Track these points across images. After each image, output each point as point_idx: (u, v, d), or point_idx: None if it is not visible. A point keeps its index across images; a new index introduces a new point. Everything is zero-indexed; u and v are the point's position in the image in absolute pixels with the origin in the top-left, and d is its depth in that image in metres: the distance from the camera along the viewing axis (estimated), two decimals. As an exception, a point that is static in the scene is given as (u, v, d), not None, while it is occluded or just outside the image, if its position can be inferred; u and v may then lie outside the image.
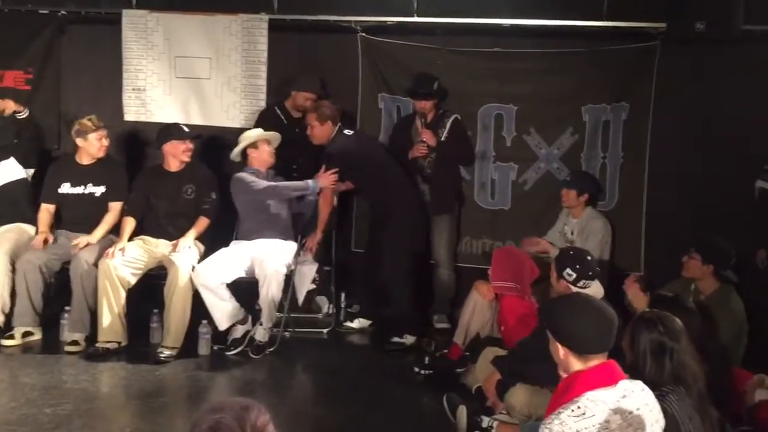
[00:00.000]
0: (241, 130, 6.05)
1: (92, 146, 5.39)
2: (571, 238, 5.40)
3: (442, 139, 5.70)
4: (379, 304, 5.53)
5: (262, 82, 6.07)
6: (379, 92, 6.05)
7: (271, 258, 5.07)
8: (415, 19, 5.83)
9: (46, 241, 5.23)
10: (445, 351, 4.94)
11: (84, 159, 5.44)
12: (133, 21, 6.06)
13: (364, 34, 5.92)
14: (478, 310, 4.81)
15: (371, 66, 6.00)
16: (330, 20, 5.88)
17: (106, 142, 5.44)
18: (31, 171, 5.71)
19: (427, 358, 4.90)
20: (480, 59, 5.91)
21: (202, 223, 5.35)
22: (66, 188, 5.42)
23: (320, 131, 5.48)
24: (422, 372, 4.81)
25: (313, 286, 5.58)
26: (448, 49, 5.90)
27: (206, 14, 6.03)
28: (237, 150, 5.46)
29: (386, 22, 5.88)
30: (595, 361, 2.52)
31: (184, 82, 6.13)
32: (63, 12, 6.12)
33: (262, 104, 6.09)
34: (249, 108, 6.11)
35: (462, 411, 3.92)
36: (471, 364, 4.54)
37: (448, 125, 5.72)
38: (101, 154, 5.43)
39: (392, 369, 5.07)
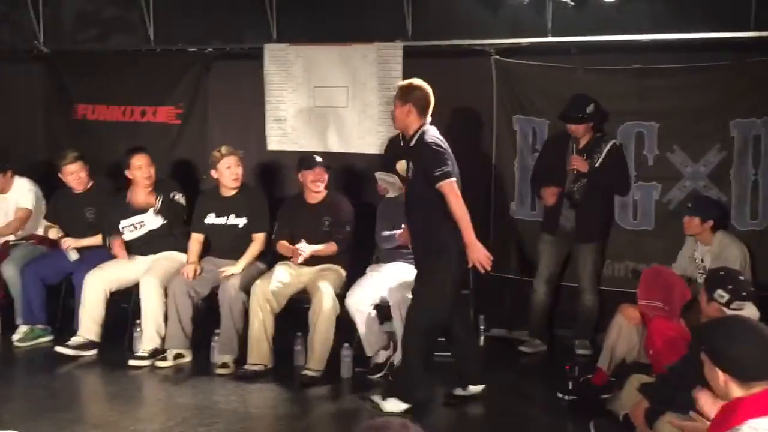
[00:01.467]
0: (378, 156, 6.21)
1: (223, 176, 5.55)
2: (702, 264, 5.13)
3: (597, 165, 5.54)
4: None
5: (397, 109, 6.15)
6: (514, 114, 6.01)
7: (402, 285, 5.10)
8: (550, 39, 5.77)
9: (194, 271, 5.47)
10: (589, 376, 4.81)
11: (225, 191, 5.63)
12: (274, 54, 6.31)
13: (498, 57, 5.91)
14: (623, 334, 4.65)
15: (505, 88, 5.97)
16: (464, 44, 5.91)
17: (237, 170, 5.55)
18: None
19: (570, 384, 4.79)
20: (618, 76, 5.76)
21: (330, 247, 5.42)
22: (211, 219, 5.64)
23: (399, 113, 4.51)
24: (566, 398, 4.70)
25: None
26: (585, 68, 5.79)
27: (343, 45, 6.20)
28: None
29: (520, 43, 5.85)
30: (758, 387, 2.39)
31: (322, 111, 6.31)
32: (209, 49, 6.47)
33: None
34: (385, 134, 6.20)
35: (611, 438, 3.81)
36: (617, 390, 4.40)
37: (604, 151, 5.55)
38: (236, 183, 5.57)
39: (534, 394, 4.98)
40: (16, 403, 4.80)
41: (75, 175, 5.88)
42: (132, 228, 5.76)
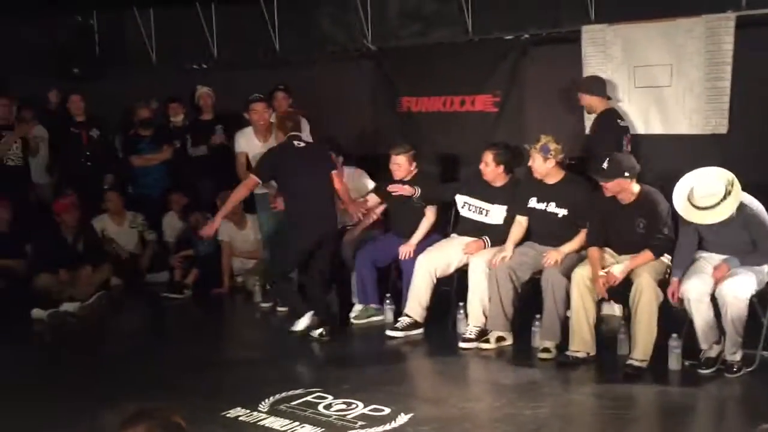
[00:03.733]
0: (703, 137, 5.82)
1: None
2: None
3: None
4: None
5: (726, 84, 5.71)
6: None
7: (732, 279, 4.71)
8: None
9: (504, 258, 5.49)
10: None
11: (545, 178, 5.56)
12: (592, 36, 6.17)
13: None
14: None
15: None
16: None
17: (548, 164, 5.44)
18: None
19: None
20: None
21: (644, 257, 5.03)
22: (533, 203, 5.65)
23: (276, 136, 6.20)
24: None
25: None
26: None
27: (666, 20, 5.89)
28: None
29: None
30: None
31: (643, 91, 6.05)
32: (526, 35, 6.50)
33: (725, 108, 5.73)
34: (712, 113, 5.80)
35: None
36: None
37: None
38: (550, 181, 5.51)
39: None
40: (355, 375, 5.23)
41: (396, 164, 6.20)
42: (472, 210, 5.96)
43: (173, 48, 8.67)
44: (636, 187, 5.08)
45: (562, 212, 5.52)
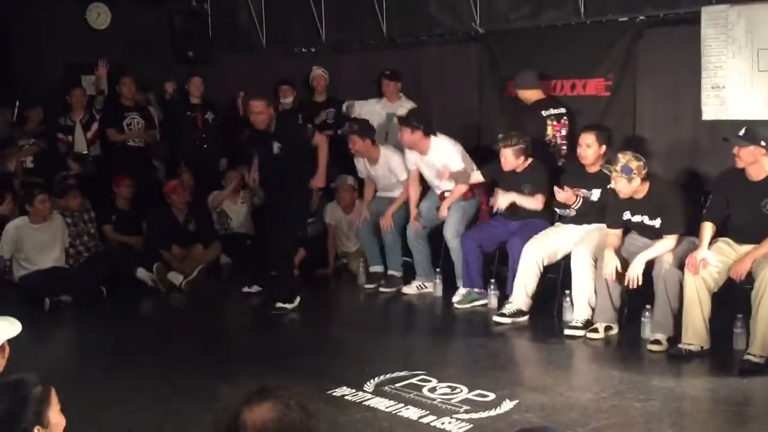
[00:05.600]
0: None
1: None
2: None
3: None
4: None
5: None
6: None
7: None
8: None
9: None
10: None
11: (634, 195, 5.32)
12: (713, 17, 5.89)
13: None
14: None
15: None
16: None
17: (633, 184, 5.21)
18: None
19: None
20: None
21: None
22: (627, 215, 5.37)
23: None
24: None
25: None
26: None
27: (795, 0, 5.59)
28: None
29: None
30: None
31: (767, 75, 5.76)
32: (641, 17, 6.27)
33: None
34: None
35: None
36: None
37: None
38: (638, 196, 5.27)
39: None
40: (458, 360, 5.26)
41: (503, 156, 6.10)
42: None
43: (283, 31, 8.81)
44: None
45: (656, 223, 5.30)
